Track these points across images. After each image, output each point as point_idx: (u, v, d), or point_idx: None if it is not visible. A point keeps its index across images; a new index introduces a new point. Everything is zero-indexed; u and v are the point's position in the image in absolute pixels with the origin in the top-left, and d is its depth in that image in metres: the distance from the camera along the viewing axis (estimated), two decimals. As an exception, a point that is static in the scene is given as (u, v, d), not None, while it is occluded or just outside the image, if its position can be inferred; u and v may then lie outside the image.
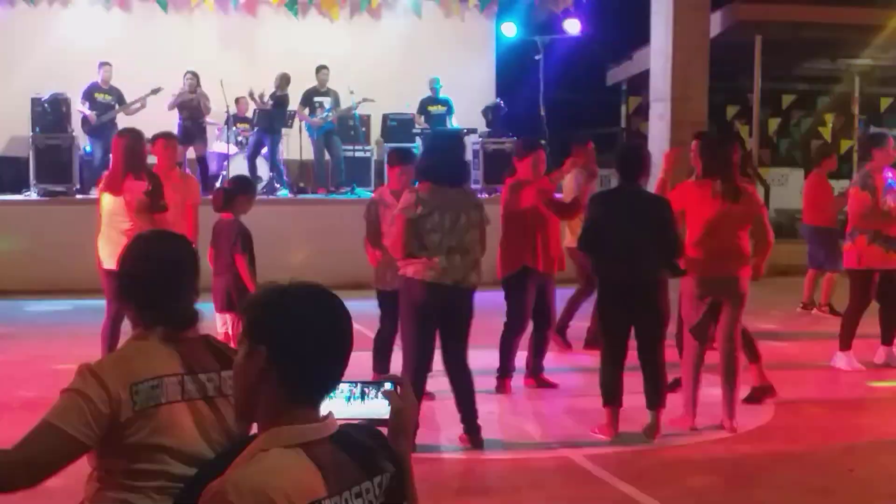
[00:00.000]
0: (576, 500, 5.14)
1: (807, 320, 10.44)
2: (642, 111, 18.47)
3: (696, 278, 6.11)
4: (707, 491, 5.27)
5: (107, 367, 2.46)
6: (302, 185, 14.46)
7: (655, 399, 5.97)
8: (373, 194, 7.74)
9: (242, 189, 7.07)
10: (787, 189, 17.67)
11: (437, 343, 5.81)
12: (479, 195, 9.44)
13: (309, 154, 14.52)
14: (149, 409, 2.42)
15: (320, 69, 14.41)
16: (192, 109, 13.62)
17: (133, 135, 7.08)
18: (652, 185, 6.62)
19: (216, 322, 6.51)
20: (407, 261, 5.67)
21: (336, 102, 14.37)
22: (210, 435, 2.47)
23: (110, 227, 6.81)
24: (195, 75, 13.63)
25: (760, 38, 16.73)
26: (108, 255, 6.61)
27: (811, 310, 10.77)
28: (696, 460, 5.71)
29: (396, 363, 6.30)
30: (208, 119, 13.99)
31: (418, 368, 5.72)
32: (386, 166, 7.09)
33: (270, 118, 13.78)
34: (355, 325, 2.04)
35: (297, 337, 1.94)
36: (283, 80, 13.99)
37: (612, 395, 5.98)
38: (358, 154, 15.06)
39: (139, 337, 2.58)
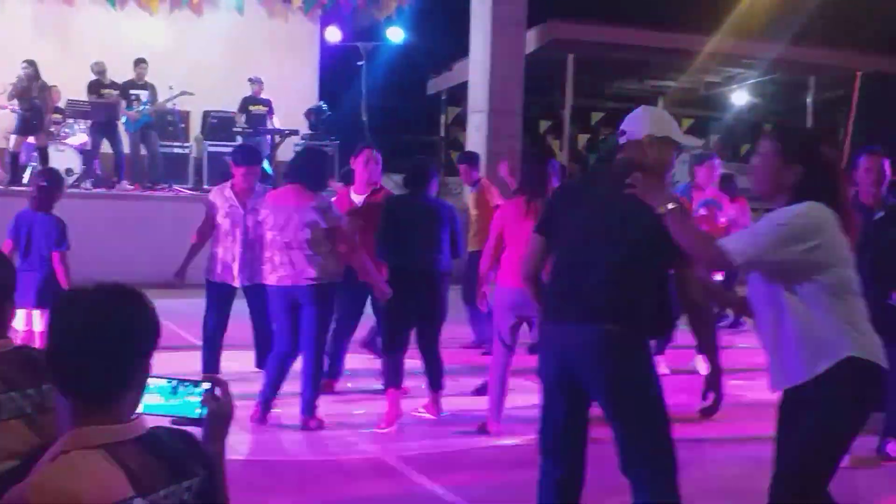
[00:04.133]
0: (387, 501, 5.29)
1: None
2: (461, 121, 18.96)
3: (509, 290, 6.31)
4: (514, 489, 5.50)
5: None
6: (115, 179, 14.12)
7: (436, 383, 6.67)
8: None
9: (59, 184, 7.04)
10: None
11: None
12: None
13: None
14: None
15: (138, 62, 14.13)
16: (30, 100, 12.98)
17: None
18: None
19: (19, 320, 6.36)
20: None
21: (153, 96, 14.13)
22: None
23: None
24: (31, 64, 12.97)
25: (573, 56, 17.47)
26: None
27: None
28: (504, 460, 5.93)
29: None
30: (9, 107, 13.40)
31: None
32: (231, 165, 7.14)
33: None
34: (171, 325, 2.08)
35: (72, 342, 1.93)
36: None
37: (395, 379, 6.49)
38: (176, 150, 14.84)
39: None
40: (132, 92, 14.05)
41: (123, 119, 13.95)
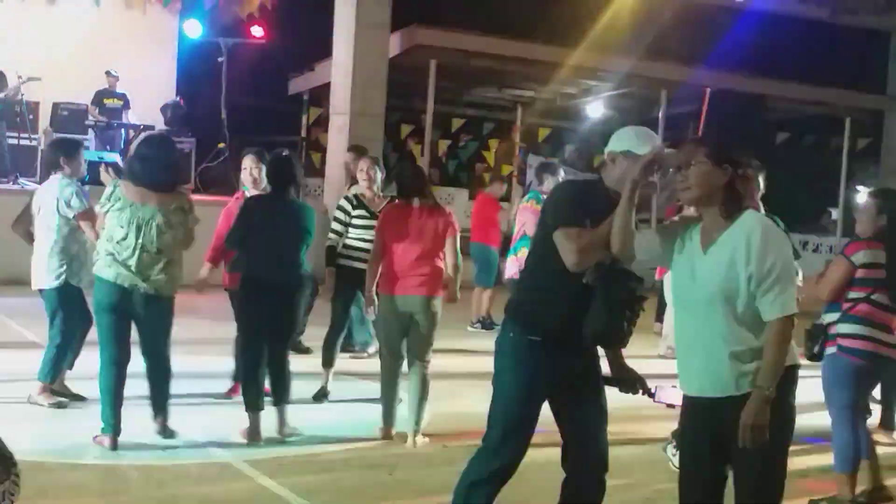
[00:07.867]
0: (233, 504, 5.29)
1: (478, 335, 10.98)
2: (322, 122, 18.89)
3: (391, 296, 6.30)
4: (362, 492, 5.56)
5: None
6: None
7: (283, 395, 6.33)
8: None
9: None
10: (454, 208, 18.72)
11: None
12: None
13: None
14: None
15: None
16: None
17: None
18: None
19: None
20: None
21: (3, 84, 13.57)
22: None
23: None
24: None
25: (435, 62, 17.63)
26: None
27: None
28: (353, 464, 6.00)
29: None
30: None
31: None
32: None
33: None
34: (12, 324, 2.06)
35: None
36: None
37: (255, 401, 6.23)
38: (23, 142, 14.31)
39: None
40: (-20, 79, 13.51)
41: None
